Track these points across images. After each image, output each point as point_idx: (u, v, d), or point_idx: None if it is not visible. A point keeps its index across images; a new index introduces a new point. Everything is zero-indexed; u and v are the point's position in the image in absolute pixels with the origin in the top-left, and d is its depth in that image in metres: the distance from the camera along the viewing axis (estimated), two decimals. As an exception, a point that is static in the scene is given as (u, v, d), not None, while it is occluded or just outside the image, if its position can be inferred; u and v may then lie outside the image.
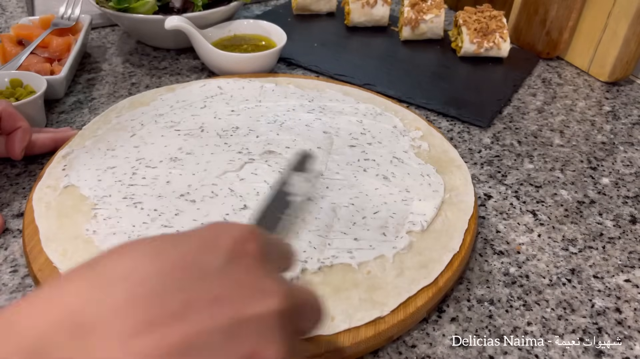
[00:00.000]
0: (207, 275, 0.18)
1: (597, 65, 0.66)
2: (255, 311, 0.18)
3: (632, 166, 0.52)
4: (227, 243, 0.19)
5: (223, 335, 0.17)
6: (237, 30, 0.65)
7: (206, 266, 0.18)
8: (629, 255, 0.42)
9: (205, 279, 0.17)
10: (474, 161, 0.52)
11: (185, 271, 0.17)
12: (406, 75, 0.65)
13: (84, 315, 0.15)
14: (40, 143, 0.47)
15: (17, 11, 0.78)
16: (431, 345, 0.34)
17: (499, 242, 0.42)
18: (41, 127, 0.52)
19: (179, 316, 0.16)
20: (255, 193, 0.42)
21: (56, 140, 0.48)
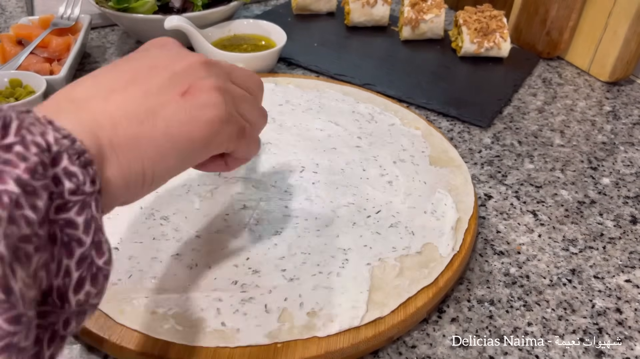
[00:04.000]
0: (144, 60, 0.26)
1: (597, 65, 0.66)
2: (182, 66, 0.26)
3: (632, 166, 0.52)
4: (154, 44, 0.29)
5: (166, 83, 0.25)
6: (237, 30, 0.65)
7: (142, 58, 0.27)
8: (630, 255, 0.42)
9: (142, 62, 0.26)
10: (474, 161, 0.52)
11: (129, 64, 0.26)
12: (406, 75, 0.64)
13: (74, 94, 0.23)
14: None
15: (17, 11, 0.78)
16: (431, 346, 0.34)
17: (499, 242, 0.42)
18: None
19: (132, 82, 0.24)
20: (254, 192, 0.41)
21: None
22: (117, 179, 0.22)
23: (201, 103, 0.25)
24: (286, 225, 0.39)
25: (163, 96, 0.24)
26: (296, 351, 0.31)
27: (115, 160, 0.22)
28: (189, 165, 0.26)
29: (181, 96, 0.25)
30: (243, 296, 0.33)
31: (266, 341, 0.31)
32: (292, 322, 0.32)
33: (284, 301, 0.33)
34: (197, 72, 0.26)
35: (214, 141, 0.26)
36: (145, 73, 0.25)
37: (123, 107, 0.23)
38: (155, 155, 0.23)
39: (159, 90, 0.24)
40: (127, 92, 0.24)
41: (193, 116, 0.24)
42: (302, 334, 0.31)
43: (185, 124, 0.24)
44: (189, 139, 0.24)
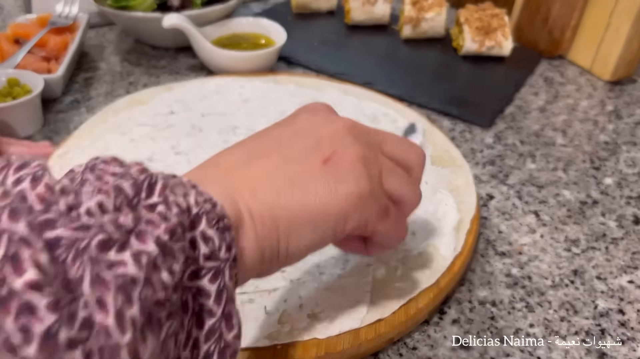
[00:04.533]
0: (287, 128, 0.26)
1: (599, 64, 0.66)
2: (327, 131, 0.25)
3: (635, 166, 0.52)
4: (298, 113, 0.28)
5: (309, 150, 0.24)
6: (236, 28, 0.65)
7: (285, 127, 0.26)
8: (633, 256, 0.42)
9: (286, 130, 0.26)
10: (476, 161, 0.51)
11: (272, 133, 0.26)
12: (407, 74, 0.64)
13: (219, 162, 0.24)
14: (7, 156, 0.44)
15: (15, 9, 0.78)
16: (432, 347, 0.34)
17: (501, 243, 0.42)
18: (37, 127, 0.52)
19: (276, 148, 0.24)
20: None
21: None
22: (253, 249, 0.21)
23: (342, 173, 0.23)
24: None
25: (304, 163, 0.23)
26: (296, 352, 0.31)
27: (252, 229, 0.21)
28: (325, 241, 0.24)
29: (323, 164, 0.23)
30: (243, 298, 0.33)
31: (266, 342, 0.31)
32: (292, 324, 0.32)
33: (284, 303, 0.33)
34: (343, 138, 0.25)
35: (351, 218, 0.24)
36: (289, 138, 0.25)
37: (263, 173, 0.23)
38: (290, 226, 0.22)
39: (301, 156, 0.24)
40: (269, 159, 0.23)
41: (331, 188, 0.23)
42: (302, 336, 0.31)
43: (323, 196, 0.23)
44: (325, 212, 0.23)
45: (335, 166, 0.23)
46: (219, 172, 0.22)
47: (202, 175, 0.22)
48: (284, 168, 0.23)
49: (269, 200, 0.22)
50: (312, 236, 0.23)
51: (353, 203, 0.23)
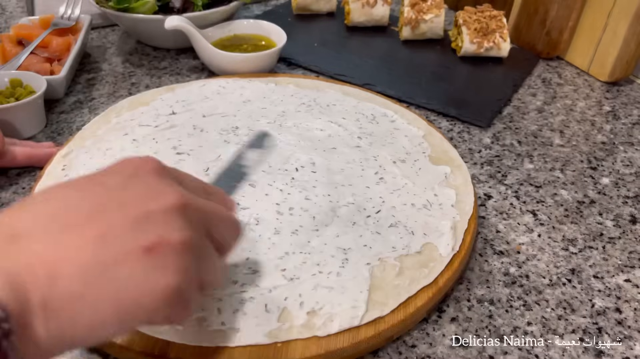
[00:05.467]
0: (113, 190, 0.22)
1: (597, 65, 0.66)
2: (154, 207, 0.22)
3: (632, 166, 0.52)
4: (127, 167, 0.24)
5: (131, 228, 0.21)
6: (237, 30, 0.65)
7: (112, 184, 0.23)
8: (629, 255, 0.42)
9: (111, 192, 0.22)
10: (474, 161, 0.52)
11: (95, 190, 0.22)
12: (406, 75, 0.64)
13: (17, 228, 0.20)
14: (10, 157, 0.44)
15: (17, 11, 0.78)
16: (431, 345, 0.34)
17: (499, 242, 0.42)
18: (40, 127, 0.52)
19: (92, 218, 0.21)
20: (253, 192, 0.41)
21: (31, 156, 0.45)
22: (43, 341, 0.19)
23: (164, 265, 0.21)
24: (286, 225, 0.39)
25: (122, 247, 0.20)
26: (296, 350, 0.31)
27: (43, 323, 0.19)
28: (129, 330, 0.23)
29: (144, 252, 0.21)
30: (243, 296, 0.33)
31: (266, 340, 0.31)
32: (292, 322, 0.32)
33: (284, 301, 0.33)
34: (174, 220, 0.22)
35: (162, 313, 0.22)
36: (108, 208, 0.21)
37: (70, 256, 0.19)
38: (92, 322, 0.20)
39: (120, 238, 0.21)
40: (82, 234, 0.20)
41: (149, 279, 0.21)
42: (302, 334, 0.32)
43: (138, 288, 0.20)
44: (137, 306, 0.21)
45: (158, 255, 0.21)
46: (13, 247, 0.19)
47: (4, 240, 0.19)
48: (98, 251, 0.20)
49: (71, 292, 0.19)
50: (115, 328, 0.21)
51: (168, 298, 0.21)
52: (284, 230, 0.38)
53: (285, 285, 0.34)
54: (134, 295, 0.20)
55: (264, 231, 0.38)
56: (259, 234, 0.38)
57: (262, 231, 0.38)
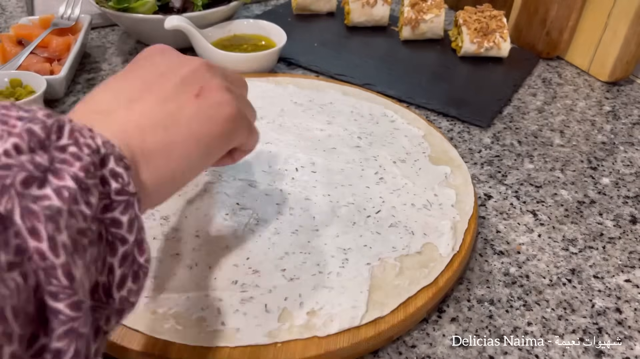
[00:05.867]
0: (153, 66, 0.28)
1: (597, 65, 0.66)
2: (188, 68, 0.27)
3: (632, 166, 0.52)
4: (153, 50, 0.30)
5: (177, 87, 0.26)
6: (237, 30, 0.65)
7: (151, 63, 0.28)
8: (629, 255, 0.42)
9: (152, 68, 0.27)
10: (474, 161, 0.52)
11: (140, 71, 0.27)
12: (406, 75, 0.64)
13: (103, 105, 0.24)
14: None
15: (17, 11, 0.78)
16: (431, 345, 0.34)
17: (499, 242, 0.42)
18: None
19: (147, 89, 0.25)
20: (254, 192, 0.41)
21: None
22: (150, 184, 0.23)
23: (215, 102, 0.26)
24: (286, 225, 0.39)
25: (179, 100, 0.25)
26: (296, 350, 0.31)
27: (147, 167, 0.23)
28: (211, 161, 0.27)
29: (195, 98, 0.26)
30: (243, 296, 0.33)
31: (266, 340, 0.31)
32: (292, 322, 0.32)
33: (284, 301, 0.33)
34: (203, 74, 0.27)
35: (231, 135, 0.28)
36: (156, 80, 0.26)
37: (146, 115, 0.24)
38: (182, 157, 0.24)
39: (174, 95, 0.25)
40: (146, 101, 0.25)
41: (211, 115, 0.26)
42: (302, 334, 0.31)
43: (205, 123, 0.26)
44: (210, 136, 0.26)
45: (207, 98, 0.26)
46: (103, 119, 0.23)
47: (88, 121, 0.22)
48: (163, 108, 0.25)
49: (159, 139, 0.23)
50: (201, 160, 0.26)
51: (231, 124, 0.27)
52: (284, 230, 0.38)
53: (285, 285, 0.34)
54: (204, 129, 0.25)
55: (264, 231, 0.38)
56: (259, 234, 0.38)
57: (262, 231, 0.38)
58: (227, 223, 0.39)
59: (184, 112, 0.25)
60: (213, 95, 0.27)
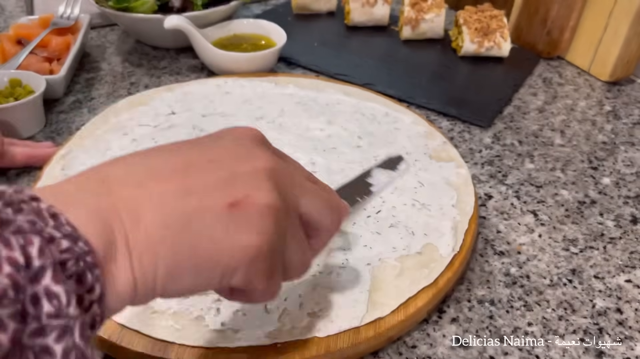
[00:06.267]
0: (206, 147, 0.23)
1: (598, 64, 0.66)
2: (246, 168, 0.22)
3: (633, 166, 0.52)
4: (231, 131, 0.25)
5: (216, 185, 0.21)
6: (237, 29, 0.65)
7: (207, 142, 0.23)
8: (630, 255, 0.42)
9: (204, 149, 0.23)
10: (475, 161, 0.52)
11: (190, 147, 0.23)
12: (406, 75, 0.64)
13: (109, 175, 0.20)
14: (9, 157, 0.44)
15: (17, 10, 0.78)
16: (431, 346, 0.34)
17: (499, 242, 0.42)
18: (39, 127, 0.52)
19: (179, 171, 0.21)
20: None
21: (30, 156, 0.45)
22: (125, 282, 0.19)
23: (247, 223, 0.21)
24: (286, 225, 0.39)
25: (207, 201, 0.20)
26: (296, 351, 0.31)
27: (127, 262, 0.19)
28: (206, 288, 0.22)
29: (229, 207, 0.21)
30: (243, 296, 0.33)
31: (266, 341, 0.31)
32: (292, 322, 0.32)
33: (284, 301, 0.33)
34: (262, 181, 0.22)
35: (239, 272, 0.21)
36: (199, 165, 0.21)
37: (154, 200, 0.20)
38: (170, 269, 0.20)
39: (206, 192, 0.21)
40: (168, 184, 0.20)
41: (229, 236, 0.21)
42: (302, 335, 0.31)
43: (217, 243, 0.20)
44: (214, 261, 0.21)
45: (242, 213, 0.21)
46: (103, 189, 0.19)
47: (81, 188, 0.19)
48: (181, 201, 0.20)
49: (152, 233, 0.19)
50: (193, 282, 0.21)
51: (248, 258, 0.21)
52: (284, 230, 0.38)
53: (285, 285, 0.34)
54: (213, 249, 0.20)
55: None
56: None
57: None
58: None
59: (201, 219, 0.20)
60: (251, 213, 0.21)
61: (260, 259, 0.21)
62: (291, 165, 0.26)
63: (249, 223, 0.21)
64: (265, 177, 0.22)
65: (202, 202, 0.20)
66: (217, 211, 0.20)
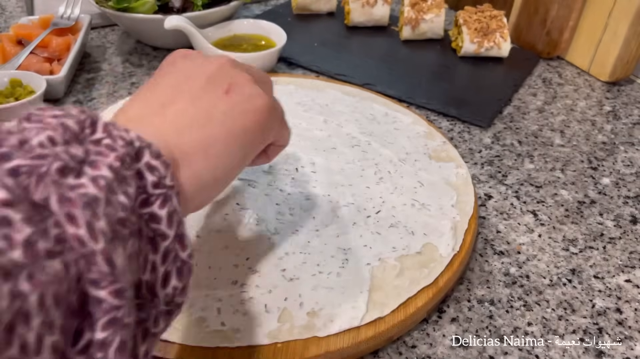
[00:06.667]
0: (180, 71, 0.27)
1: (597, 65, 0.66)
2: (213, 67, 0.27)
3: (632, 166, 0.52)
4: (176, 55, 0.30)
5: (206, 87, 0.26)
6: (237, 29, 0.65)
7: (178, 68, 0.28)
8: (630, 255, 0.42)
9: (180, 72, 0.27)
10: (474, 161, 0.52)
11: (168, 77, 0.27)
12: (406, 75, 0.64)
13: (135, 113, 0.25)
14: None
15: (17, 11, 0.78)
16: (431, 345, 0.34)
17: (499, 242, 0.42)
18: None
19: (178, 92, 0.25)
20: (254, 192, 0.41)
21: None
22: (191, 183, 0.22)
23: (246, 96, 0.26)
24: (286, 225, 0.39)
25: (210, 98, 0.25)
26: (296, 351, 0.31)
27: (187, 165, 0.22)
28: (250, 158, 0.27)
29: (226, 94, 0.26)
30: (243, 296, 0.33)
31: (266, 341, 0.31)
32: (292, 322, 0.32)
33: (284, 301, 0.33)
34: (228, 70, 0.27)
35: (266, 128, 0.27)
36: (184, 83, 0.26)
37: (180, 116, 0.24)
38: (221, 155, 0.24)
39: (205, 94, 0.25)
40: (177, 103, 0.25)
41: (243, 108, 0.26)
42: (302, 334, 0.31)
43: (239, 118, 0.26)
44: (246, 130, 0.26)
45: (237, 93, 0.26)
46: (136, 124, 0.23)
47: (124, 124, 0.22)
48: (196, 107, 0.25)
49: (196, 137, 0.23)
50: (241, 156, 0.26)
51: (265, 115, 0.27)
52: (284, 230, 0.38)
53: (285, 285, 0.34)
54: (238, 123, 0.25)
55: (264, 231, 0.38)
56: (259, 234, 0.38)
57: (262, 231, 0.38)
58: (227, 223, 0.39)
59: (217, 109, 0.25)
60: (243, 90, 0.27)
61: (272, 111, 0.28)
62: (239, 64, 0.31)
63: (247, 95, 0.26)
64: (229, 66, 0.28)
65: (209, 101, 0.25)
66: (222, 101, 0.25)
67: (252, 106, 0.26)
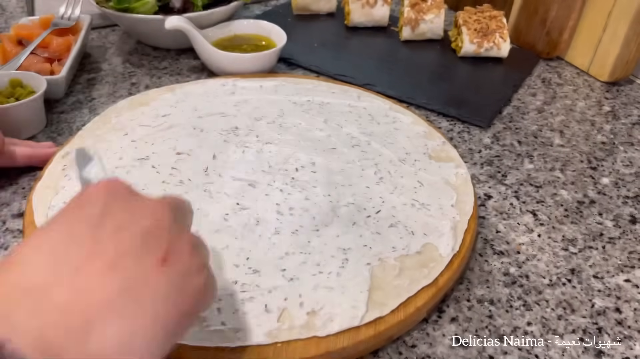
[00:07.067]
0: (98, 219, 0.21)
1: (597, 65, 0.66)
2: (150, 220, 0.22)
3: (632, 166, 0.52)
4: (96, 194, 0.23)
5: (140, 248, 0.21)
6: (237, 30, 0.65)
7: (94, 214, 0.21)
8: (629, 255, 0.42)
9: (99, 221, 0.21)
10: (474, 161, 0.52)
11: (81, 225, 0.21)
12: (406, 75, 0.65)
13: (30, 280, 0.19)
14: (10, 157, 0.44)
15: (17, 11, 0.78)
16: (431, 345, 0.34)
17: (499, 242, 0.42)
18: (40, 127, 0.52)
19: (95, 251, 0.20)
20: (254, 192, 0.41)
21: (31, 156, 0.46)
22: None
23: (185, 271, 0.22)
24: (286, 225, 0.39)
25: (141, 268, 0.20)
26: (296, 350, 0.31)
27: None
28: (177, 341, 0.22)
29: (162, 264, 0.21)
30: (243, 296, 0.33)
31: (266, 340, 0.31)
32: (292, 322, 0.32)
33: (284, 301, 0.33)
34: (169, 227, 0.22)
35: (202, 309, 0.23)
36: (110, 238, 0.20)
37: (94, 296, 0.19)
38: (145, 345, 0.19)
39: (135, 261, 0.20)
40: (95, 271, 0.19)
41: (179, 288, 0.21)
42: (302, 334, 0.32)
43: (172, 299, 0.20)
44: (179, 314, 0.21)
45: (175, 265, 0.21)
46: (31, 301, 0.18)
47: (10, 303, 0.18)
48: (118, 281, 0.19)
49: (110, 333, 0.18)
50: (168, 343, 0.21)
51: (201, 296, 0.22)
52: (284, 230, 0.38)
53: (285, 285, 0.34)
54: (171, 307, 0.20)
55: (264, 231, 0.38)
56: (259, 234, 0.38)
57: (262, 231, 0.38)
58: (227, 223, 0.39)
59: (146, 286, 0.20)
60: (181, 259, 0.21)
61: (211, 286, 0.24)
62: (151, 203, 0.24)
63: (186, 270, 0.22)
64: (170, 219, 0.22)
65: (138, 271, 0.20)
66: (155, 274, 0.20)
67: (189, 285, 0.21)
